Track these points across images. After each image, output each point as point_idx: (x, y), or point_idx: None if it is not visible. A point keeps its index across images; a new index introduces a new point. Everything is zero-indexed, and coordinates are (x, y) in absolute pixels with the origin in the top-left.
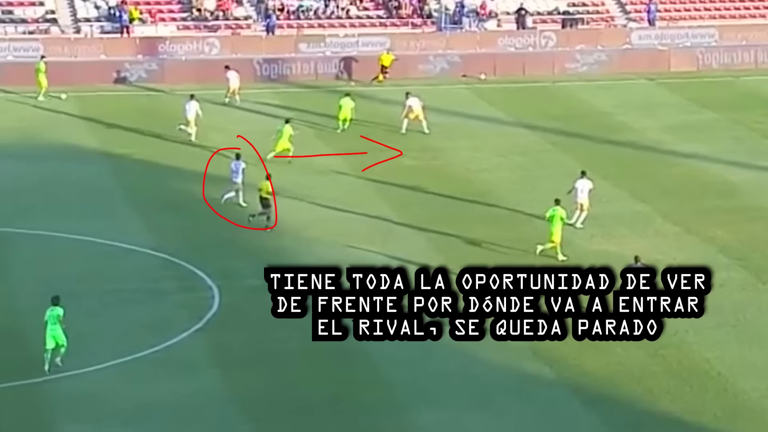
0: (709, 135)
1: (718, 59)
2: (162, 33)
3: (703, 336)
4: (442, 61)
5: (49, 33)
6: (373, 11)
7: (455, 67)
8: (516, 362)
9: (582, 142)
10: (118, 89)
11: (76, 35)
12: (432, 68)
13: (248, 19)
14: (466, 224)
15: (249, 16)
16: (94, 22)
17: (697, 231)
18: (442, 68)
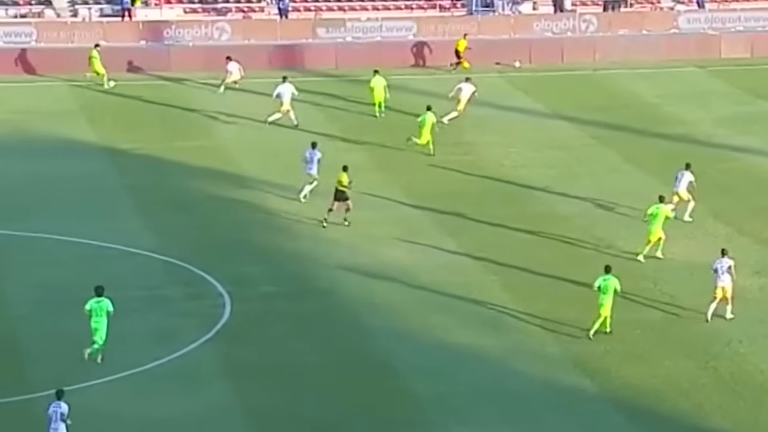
0: (764, 127)
1: None
2: (167, 17)
3: (757, 346)
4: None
5: (43, 16)
6: None
7: (488, 53)
8: (554, 375)
9: (626, 135)
10: (120, 77)
11: (72, 19)
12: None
13: (261, 2)
14: (500, 225)
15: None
16: (92, 5)
17: (750, 231)
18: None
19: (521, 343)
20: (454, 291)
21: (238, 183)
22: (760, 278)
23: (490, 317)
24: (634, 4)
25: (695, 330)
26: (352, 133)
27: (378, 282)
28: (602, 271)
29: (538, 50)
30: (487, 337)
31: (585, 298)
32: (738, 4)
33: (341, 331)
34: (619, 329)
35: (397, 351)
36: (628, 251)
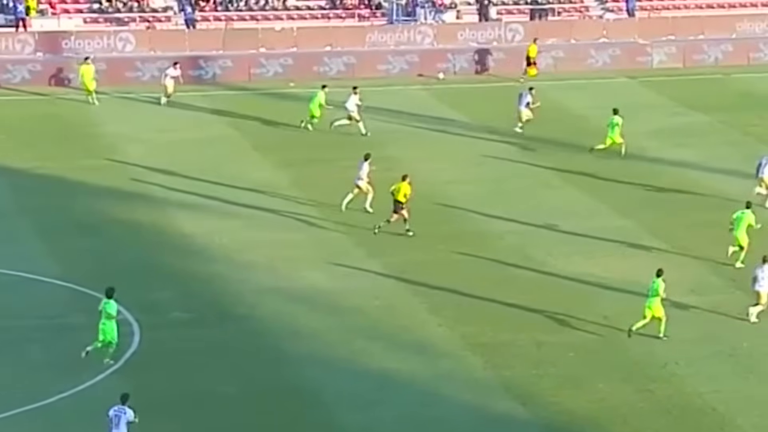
0: (699, 140)
1: (707, 54)
2: (65, 27)
3: (696, 367)
4: (400, 60)
5: None
6: (313, 2)
7: (411, 64)
8: (486, 401)
9: (556, 148)
10: (15, 92)
11: None
12: (390, 68)
13: (168, 11)
14: (425, 246)
15: (169, 8)
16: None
17: (688, 249)
18: (401, 68)
19: (450, 368)
20: (378, 315)
21: (146, 204)
22: (696, 297)
23: (416, 341)
24: (561, 12)
25: (631, 352)
26: (268, 150)
27: (298, 306)
28: (534, 291)
29: (462, 61)
30: (415, 362)
31: (516, 320)
32: (669, 12)
33: (260, 360)
34: (552, 352)
35: (321, 379)
36: (561, 270)
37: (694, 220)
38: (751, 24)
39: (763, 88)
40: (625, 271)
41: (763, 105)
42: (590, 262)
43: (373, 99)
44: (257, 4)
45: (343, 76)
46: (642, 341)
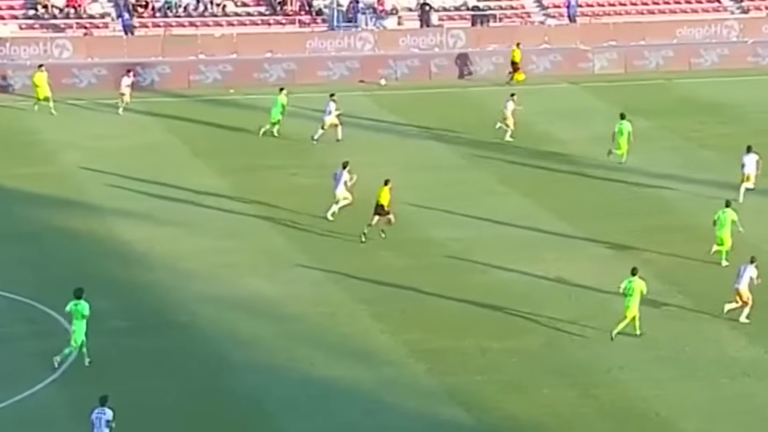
0: (641, 145)
1: (648, 60)
2: (0, 33)
3: (639, 372)
4: (341, 66)
5: None
6: (253, 8)
7: (352, 70)
8: (430, 408)
9: (499, 155)
10: None
11: None
12: (331, 74)
13: (105, 18)
14: (369, 252)
15: (106, 14)
16: None
17: (630, 254)
18: (341, 74)
19: (394, 375)
20: (321, 322)
21: (86, 212)
22: None
23: (360, 349)
24: (503, 18)
25: (575, 357)
26: (208, 156)
27: (240, 314)
28: (478, 297)
29: (404, 67)
30: (358, 369)
31: (461, 326)
32: (610, 18)
33: (202, 368)
34: (496, 358)
35: (263, 387)
36: (505, 275)
37: (636, 224)
38: (692, 29)
39: (704, 93)
40: (569, 276)
41: (703, 110)
42: (534, 267)
43: (314, 105)
44: (196, 11)
45: (283, 83)
46: (586, 346)
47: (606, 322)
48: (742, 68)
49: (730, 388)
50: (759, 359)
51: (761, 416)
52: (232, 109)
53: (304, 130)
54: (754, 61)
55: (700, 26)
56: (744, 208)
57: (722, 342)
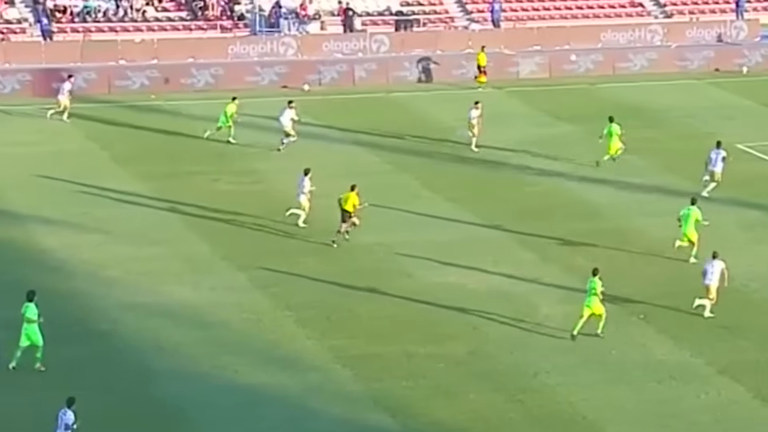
0: (566, 150)
1: (573, 65)
2: None
3: (566, 376)
4: (269, 71)
5: None
6: (174, 13)
7: (282, 77)
8: (356, 414)
9: (425, 160)
10: None
11: None
12: (259, 79)
13: (23, 23)
14: (294, 258)
15: (24, 19)
16: None
17: (556, 258)
18: (270, 80)
19: (320, 381)
20: (245, 328)
21: (6, 219)
22: (565, 306)
23: (285, 355)
24: (427, 23)
25: (501, 362)
26: (129, 162)
27: (163, 321)
28: (404, 303)
29: (327, 72)
30: (283, 376)
31: (386, 332)
32: (534, 23)
33: (124, 377)
34: (422, 363)
35: (188, 395)
36: (430, 281)
37: (562, 229)
38: (616, 34)
39: (629, 98)
40: (494, 281)
41: (628, 115)
42: (459, 272)
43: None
44: (116, 16)
45: (210, 88)
46: (512, 351)
47: (533, 326)
48: (667, 72)
49: (656, 392)
50: (685, 363)
51: (688, 420)
52: (154, 115)
53: (224, 136)
54: (681, 65)
55: (624, 30)
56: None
57: (649, 346)
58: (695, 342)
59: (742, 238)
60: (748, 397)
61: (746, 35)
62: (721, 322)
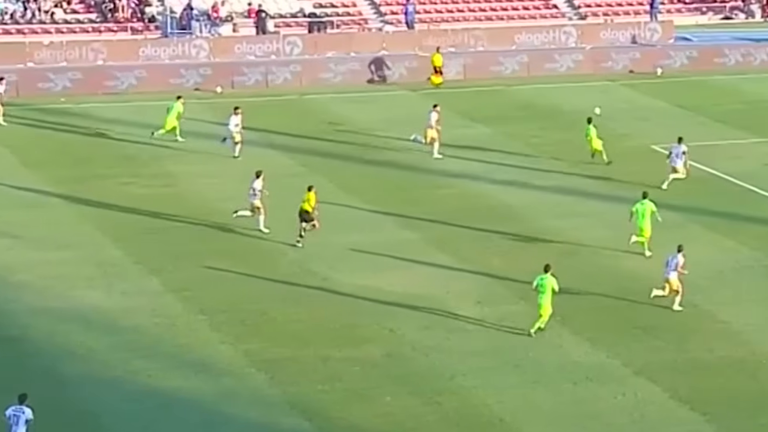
0: (481, 152)
1: (487, 66)
2: None
3: (483, 379)
4: (193, 73)
5: None
6: (83, 15)
7: (206, 78)
8: (272, 418)
9: (339, 163)
10: None
11: None
12: (184, 81)
13: None
14: (208, 261)
15: None
16: None
17: (472, 261)
18: (194, 81)
19: (234, 385)
20: (158, 333)
21: None
22: (482, 308)
23: (199, 360)
24: (341, 25)
25: (417, 365)
26: (39, 166)
27: (74, 326)
28: (318, 306)
29: (240, 74)
30: (197, 380)
31: (301, 335)
32: (449, 24)
33: (35, 382)
34: (337, 367)
35: (100, 400)
36: (345, 284)
37: (478, 231)
38: (530, 36)
39: (544, 99)
40: (410, 283)
41: (543, 117)
42: (375, 275)
43: (150, 114)
44: (23, 18)
45: (135, 91)
46: (429, 354)
47: (450, 329)
48: (583, 74)
49: (573, 393)
50: (602, 364)
51: (604, 421)
52: (64, 119)
53: (138, 139)
54: (597, 67)
55: (538, 32)
56: (588, 212)
57: (565, 347)
58: (611, 343)
59: (657, 239)
60: (664, 397)
61: (660, 37)
62: (637, 323)
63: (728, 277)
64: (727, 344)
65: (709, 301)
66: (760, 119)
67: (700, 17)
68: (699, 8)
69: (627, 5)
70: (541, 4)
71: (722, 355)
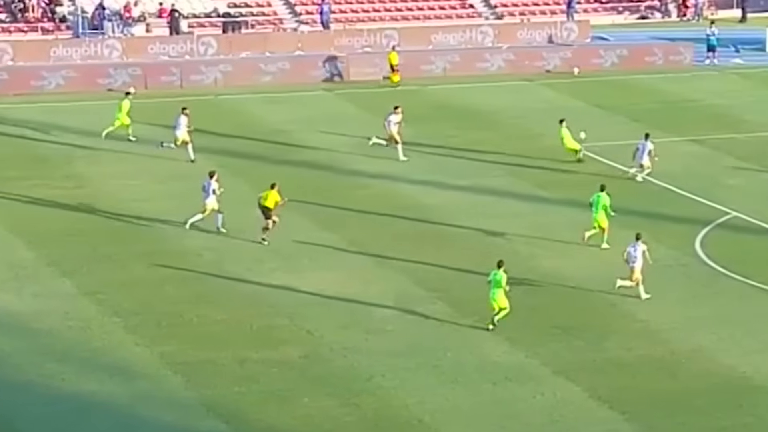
0: (396, 151)
1: (402, 66)
2: None
3: (401, 379)
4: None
5: None
6: None
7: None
8: (188, 421)
9: (255, 163)
10: None
11: None
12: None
13: None
14: (122, 264)
15: None
16: None
17: (390, 261)
18: (123, 81)
19: (150, 388)
20: (72, 336)
21: None
22: (400, 308)
23: (113, 363)
24: (255, 25)
25: (336, 366)
26: None
27: None
28: (235, 308)
29: (153, 74)
30: (112, 383)
31: (218, 337)
32: (364, 24)
33: None
34: (255, 369)
35: (12, 405)
36: (262, 285)
37: (396, 231)
38: (446, 35)
39: (460, 99)
40: (328, 284)
41: (458, 116)
42: (292, 276)
43: (60, 116)
44: None
45: (62, 90)
46: (346, 355)
47: (368, 329)
48: (502, 74)
49: (492, 394)
50: (521, 364)
51: (524, 421)
52: None
53: (50, 140)
54: (515, 67)
55: (455, 32)
56: (505, 212)
57: (484, 347)
58: (530, 343)
59: (576, 238)
60: (583, 397)
61: (577, 36)
62: (556, 323)
63: (647, 276)
64: (645, 343)
65: (627, 300)
66: (677, 119)
67: (617, 17)
68: (615, 7)
69: (543, 5)
70: (457, 4)
71: (641, 354)
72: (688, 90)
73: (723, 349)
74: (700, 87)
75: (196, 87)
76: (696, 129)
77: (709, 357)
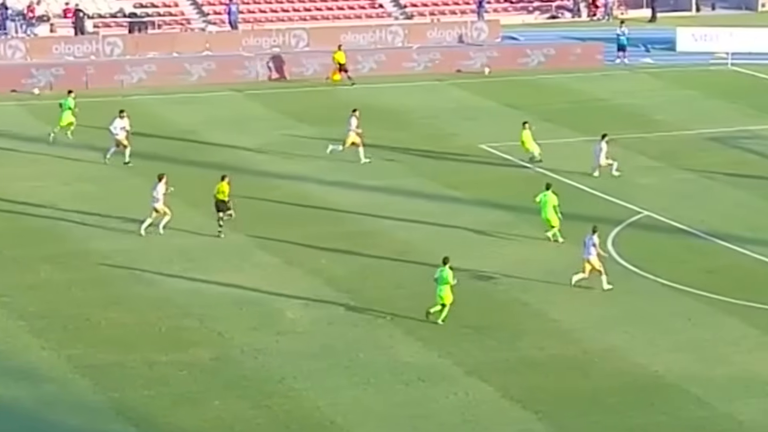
0: (307, 152)
1: (311, 66)
2: None
3: (313, 381)
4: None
5: None
6: None
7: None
8: (97, 425)
9: (163, 165)
10: None
11: None
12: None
13: None
14: (27, 266)
15: None
16: None
17: (300, 262)
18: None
19: (57, 392)
20: None
21: None
22: (311, 309)
23: (19, 367)
24: (162, 25)
25: (246, 368)
26: None
27: None
28: (144, 310)
29: (59, 76)
30: (17, 388)
31: (126, 340)
32: (273, 24)
33: None
34: (164, 371)
35: None
36: (172, 287)
37: (305, 233)
38: (356, 35)
39: (372, 100)
40: (238, 286)
41: (372, 117)
42: (202, 278)
43: None
44: None
45: None
46: (257, 357)
47: (279, 331)
48: (408, 74)
49: (405, 394)
50: (434, 364)
51: (437, 421)
52: None
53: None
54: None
55: (364, 32)
56: (417, 212)
57: (396, 348)
58: (443, 343)
59: (486, 238)
60: (496, 396)
61: (487, 36)
62: (468, 322)
63: (559, 275)
64: (558, 342)
65: (540, 300)
66: (588, 118)
67: (527, 16)
68: (526, 7)
69: (453, 4)
70: (366, 4)
71: (553, 354)
72: (599, 89)
73: (635, 347)
74: (611, 86)
75: (103, 88)
76: (607, 128)
77: (621, 356)
